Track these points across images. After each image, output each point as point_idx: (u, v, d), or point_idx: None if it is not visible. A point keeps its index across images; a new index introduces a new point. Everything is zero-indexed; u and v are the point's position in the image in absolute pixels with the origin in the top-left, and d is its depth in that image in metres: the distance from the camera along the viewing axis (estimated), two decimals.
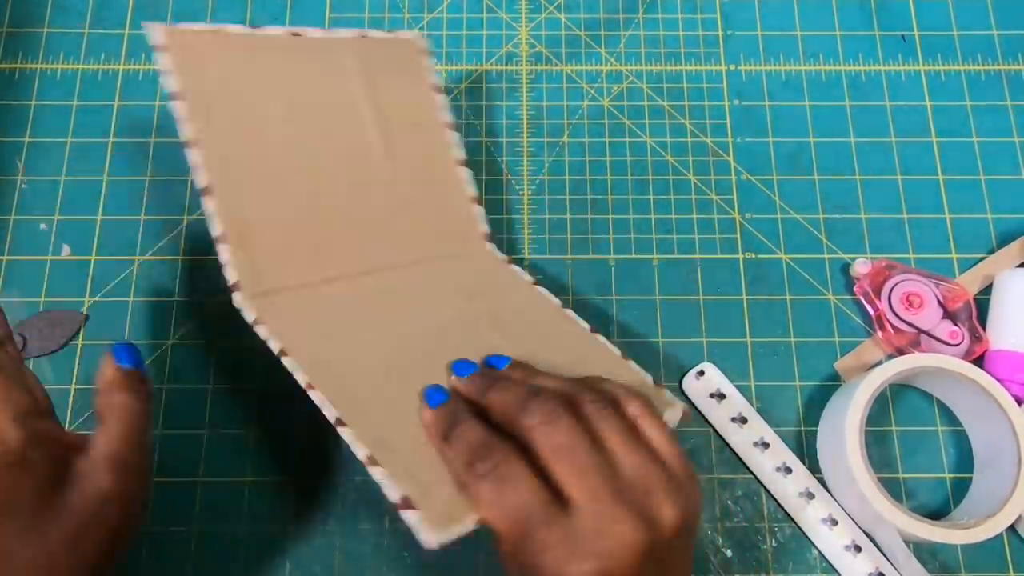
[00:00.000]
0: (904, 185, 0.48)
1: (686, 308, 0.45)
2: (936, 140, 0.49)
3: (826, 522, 0.40)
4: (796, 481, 0.41)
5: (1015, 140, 0.49)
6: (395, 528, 0.40)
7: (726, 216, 0.47)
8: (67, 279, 0.45)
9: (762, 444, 0.41)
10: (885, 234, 0.47)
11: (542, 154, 0.49)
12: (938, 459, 0.42)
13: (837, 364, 0.44)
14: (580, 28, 0.52)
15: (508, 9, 0.53)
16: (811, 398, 0.43)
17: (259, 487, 0.41)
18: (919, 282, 0.44)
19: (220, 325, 0.44)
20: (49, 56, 0.50)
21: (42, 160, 0.48)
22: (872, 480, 0.37)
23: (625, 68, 0.51)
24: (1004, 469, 0.39)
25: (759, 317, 0.45)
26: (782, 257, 0.46)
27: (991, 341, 0.43)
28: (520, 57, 0.51)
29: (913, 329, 0.43)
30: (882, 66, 0.51)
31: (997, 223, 0.47)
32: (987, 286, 0.45)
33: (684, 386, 0.43)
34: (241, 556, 0.40)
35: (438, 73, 0.43)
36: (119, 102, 0.49)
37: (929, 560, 0.40)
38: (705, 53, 0.51)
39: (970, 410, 0.42)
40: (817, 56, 0.51)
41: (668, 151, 0.49)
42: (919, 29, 0.52)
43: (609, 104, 0.50)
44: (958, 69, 0.51)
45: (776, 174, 0.48)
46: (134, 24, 0.51)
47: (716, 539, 0.41)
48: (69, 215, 0.46)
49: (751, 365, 0.44)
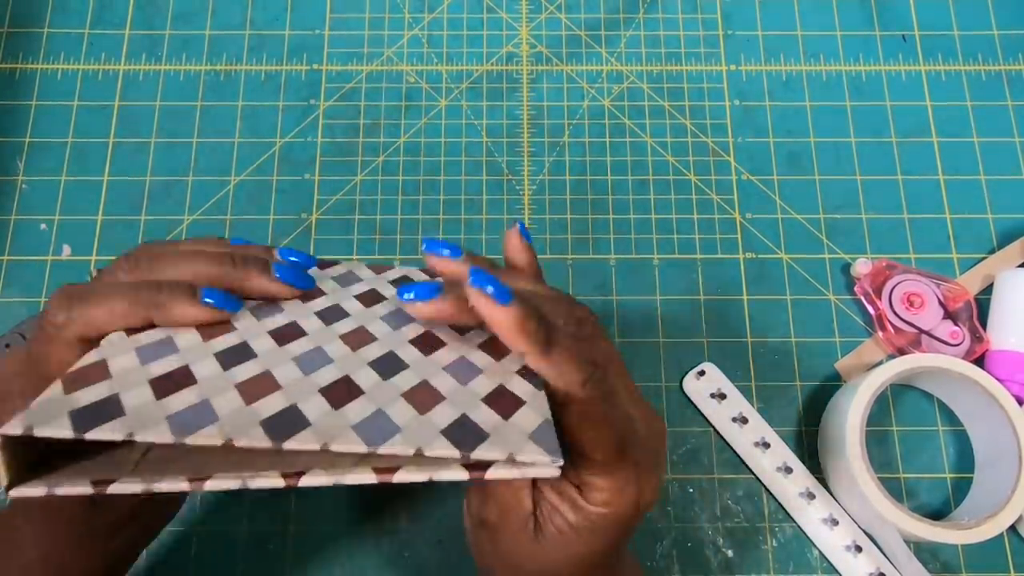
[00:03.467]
0: (904, 185, 0.48)
1: (686, 308, 0.45)
2: (936, 140, 0.49)
3: (827, 522, 0.40)
4: (797, 481, 0.41)
5: (1015, 140, 0.49)
6: (395, 528, 0.40)
7: (726, 216, 0.47)
8: (67, 279, 0.45)
9: (762, 444, 0.41)
10: (885, 234, 0.47)
11: (543, 154, 0.49)
12: (939, 459, 0.42)
13: (838, 364, 0.44)
14: (580, 28, 0.52)
15: (508, 9, 0.53)
16: (811, 398, 0.43)
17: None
18: (919, 282, 0.44)
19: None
20: (49, 56, 0.50)
21: (42, 160, 0.48)
22: (873, 480, 0.37)
23: (625, 68, 0.51)
24: (1005, 469, 0.39)
25: (759, 317, 0.45)
26: (782, 257, 0.46)
27: (992, 341, 0.43)
28: (521, 57, 0.51)
29: (914, 329, 0.43)
30: (882, 66, 0.51)
31: (997, 223, 0.47)
32: (987, 286, 0.45)
33: (684, 386, 0.43)
34: (241, 557, 0.40)
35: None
36: (119, 102, 0.49)
37: (930, 560, 0.40)
38: (705, 53, 0.51)
39: (971, 410, 0.42)
40: (817, 56, 0.51)
41: (668, 151, 0.49)
42: (919, 29, 0.52)
43: (610, 104, 0.50)
44: (958, 69, 0.51)
45: (776, 174, 0.48)
46: (134, 24, 0.51)
47: (717, 539, 0.41)
48: (69, 215, 0.46)
49: (751, 365, 0.44)
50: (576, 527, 0.26)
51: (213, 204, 0.47)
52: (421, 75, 0.50)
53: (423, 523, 0.41)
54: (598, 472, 0.25)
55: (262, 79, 0.50)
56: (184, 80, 0.50)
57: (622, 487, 0.25)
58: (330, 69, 0.50)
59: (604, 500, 0.25)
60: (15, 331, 0.43)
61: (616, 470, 0.25)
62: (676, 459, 0.42)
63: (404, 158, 0.48)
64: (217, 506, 0.40)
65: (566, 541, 0.26)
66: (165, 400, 0.22)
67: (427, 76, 0.50)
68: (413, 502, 0.41)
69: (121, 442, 0.22)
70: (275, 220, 0.46)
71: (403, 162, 0.48)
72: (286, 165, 0.48)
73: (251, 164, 0.48)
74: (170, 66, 0.50)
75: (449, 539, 0.40)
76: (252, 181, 0.47)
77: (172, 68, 0.50)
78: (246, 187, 0.47)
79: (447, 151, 0.48)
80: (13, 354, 0.28)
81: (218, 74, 0.50)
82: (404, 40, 0.51)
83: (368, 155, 0.48)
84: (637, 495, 0.25)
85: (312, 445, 0.20)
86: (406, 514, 0.41)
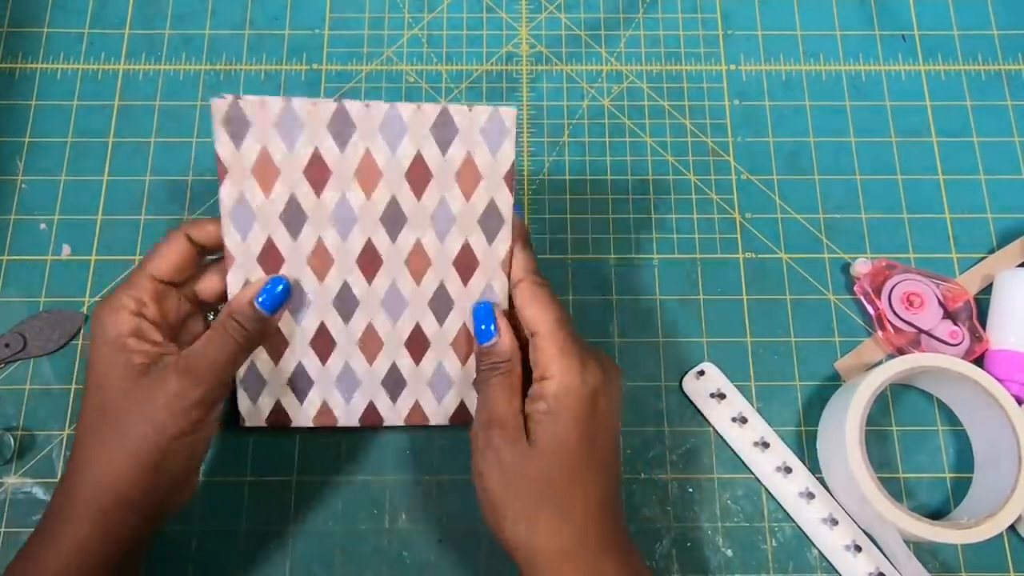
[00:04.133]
0: (904, 185, 0.48)
1: (686, 308, 0.45)
2: (936, 140, 0.49)
3: (826, 522, 0.40)
4: (796, 481, 0.41)
5: (1015, 140, 0.49)
6: (395, 528, 0.40)
7: (726, 216, 0.47)
8: (67, 279, 0.45)
9: (762, 444, 0.41)
10: (885, 234, 0.47)
11: (542, 154, 0.49)
12: (938, 459, 0.42)
13: (837, 364, 0.44)
14: (580, 28, 0.52)
15: (508, 9, 0.53)
16: (811, 398, 0.43)
17: (259, 487, 0.41)
18: (919, 282, 0.44)
19: None
20: (49, 56, 0.50)
21: (42, 160, 0.48)
22: (872, 480, 0.37)
23: (625, 68, 0.51)
24: (1004, 469, 0.39)
25: (759, 317, 0.45)
26: (782, 257, 0.46)
27: (991, 341, 0.43)
28: (520, 57, 0.51)
29: (913, 329, 0.43)
30: (882, 66, 0.51)
31: (997, 223, 0.47)
32: (987, 286, 0.45)
33: (684, 386, 0.43)
34: (241, 556, 0.40)
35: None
36: (119, 102, 0.49)
37: (929, 560, 0.40)
38: (705, 53, 0.51)
39: (970, 410, 0.42)
40: (817, 56, 0.51)
41: (668, 151, 0.49)
42: (919, 29, 0.52)
43: (609, 104, 0.50)
44: (958, 69, 0.51)
45: (776, 174, 0.48)
46: (134, 24, 0.51)
47: (716, 539, 0.41)
48: (69, 215, 0.46)
49: (751, 365, 0.44)
50: (546, 412, 0.31)
51: (213, 204, 0.47)
52: (421, 75, 0.50)
53: (423, 523, 0.41)
54: (545, 346, 0.32)
55: (262, 79, 0.50)
56: (184, 80, 0.50)
57: (565, 360, 0.31)
58: (330, 69, 0.50)
59: (553, 375, 0.31)
60: (15, 331, 0.43)
61: (557, 343, 0.32)
62: (676, 459, 0.42)
63: None
64: (217, 506, 0.40)
65: (545, 433, 0.31)
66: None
67: (427, 76, 0.50)
68: (413, 502, 0.41)
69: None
70: None
71: None
72: None
73: None
74: (170, 66, 0.50)
75: (449, 539, 0.40)
76: None
77: (172, 68, 0.50)
78: None
79: None
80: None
81: (218, 74, 0.50)
82: (404, 40, 0.51)
83: None
84: (581, 367, 0.31)
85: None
86: (406, 514, 0.41)
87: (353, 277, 0.36)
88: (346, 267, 0.36)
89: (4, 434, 0.41)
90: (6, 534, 0.40)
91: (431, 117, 0.35)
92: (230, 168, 0.34)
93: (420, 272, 0.36)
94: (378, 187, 0.35)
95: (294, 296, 0.36)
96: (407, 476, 0.41)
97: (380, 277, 0.36)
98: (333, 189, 0.35)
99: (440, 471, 0.42)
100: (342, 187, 0.35)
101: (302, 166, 0.35)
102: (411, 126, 0.35)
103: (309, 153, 0.35)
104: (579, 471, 0.31)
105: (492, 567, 0.40)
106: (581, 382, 0.31)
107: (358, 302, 0.37)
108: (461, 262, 0.36)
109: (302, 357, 0.37)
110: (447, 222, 0.36)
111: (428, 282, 0.36)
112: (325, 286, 0.36)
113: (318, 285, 0.36)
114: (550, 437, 0.31)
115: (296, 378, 0.38)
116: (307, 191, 0.35)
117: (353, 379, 0.38)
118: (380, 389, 0.38)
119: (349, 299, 0.37)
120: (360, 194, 0.35)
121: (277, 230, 0.35)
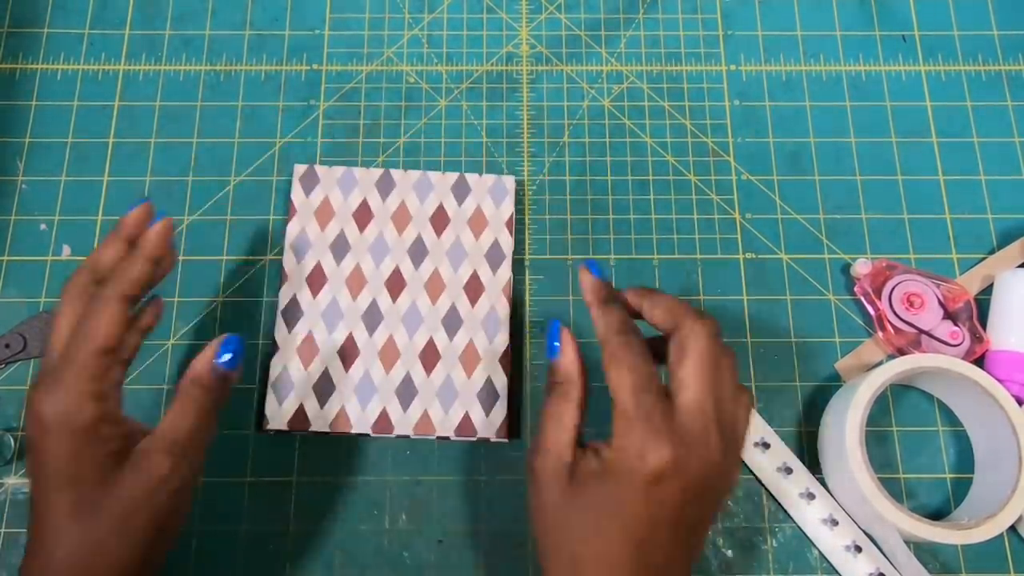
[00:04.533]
0: (904, 185, 0.48)
1: None
2: (936, 140, 0.49)
3: (826, 522, 0.40)
4: (796, 481, 0.41)
5: (1015, 140, 0.49)
6: (395, 528, 0.40)
7: (726, 216, 0.47)
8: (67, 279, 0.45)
9: (762, 444, 0.41)
10: (885, 234, 0.47)
11: (542, 154, 0.49)
12: (938, 459, 0.42)
13: (837, 364, 0.44)
14: (580, 28, 0.52)
15: (508, 9, 0.53)
16: (811, 398, 0.43)
17: (259, 488, 0.41)
18: (919, 282, 0.44)
19: (220, 327, 0.44)
20: (49, 56, 0.50)
21: (42, 160, 0.48)
22: (872, 480, 0.37)
23: (625, 68, 0.51)
24: (1005, 469, 0.39)
25: (759, 317, 0.45)
26: (782, 257, 0.46)
27: (991, 341, 0.43)
28: (520, 57, 0.51)
29: (913, 329, 0.43)
30: (882, 66, 0.51)
31: (997, 223, 0.47)
32: (987, 286, 0.45)
33: None
34: (241, 556, 0.40)
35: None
36: (119, 102, 0.49)
37: (929, 560, 0.40)
38: (705, 53, 0.51)
39: (971, 410, 0.42)
40: (817, 56, 0.51)
41: (668, 151, 0.49)
42: (919, 29, 0.52)
43: (609, 104, 0.50)
44: (958, 69, 0.51)
45: (776, 174, 0.48)
46: (134, 24, 0.51)
47: (716, 539, 0.41)
48: (69, 215, 0.46)
49: (751, 365, 0.44)
50: (595, 473, 0.29)
51: (213, 204, 0.47)
52: (421, 75, 0.50)
53: (423, 523, 0.41)
54: (617, 416, 0.29)
55: (262, 79, 0.50)
56: (184, 80, 0.50)
57: (630, 436, 0.28)
58: (330, 69, 0.50)
59: (617, 445, 0.29)
60: (15, 331, 0.43)
61: (627, 412, 0.29)
62: None
63: (404, 158, 0.48)
64: (217, 506, 0.40)
65: (590, 492, 0.29)
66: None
67: (427, 76, 0.50)
68: (413, 502, 0.41)
69: None
70: (275, 220, 0.46)
71: (403, 162, 0.48)
72: (286, 165, 0.48)
73: (251, 164, 0.48)
74: (170, 66, 0.50)
75: (449, 539, 0.40)
76: (252, 181, 0.47)
77: (172, 68, 0.50)
78: (246, 187, 0.47)
79: (447, 151, 0.48)
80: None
81: (218, 74, 0.50)
82: (404, 40, 0.51)
83: (368, 155, 0.48)
84: (641, 442, 0.28)
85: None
86: (406, 514, 0.41)
87: (381, 296, 0.44)
88: (376, 287, 0.44)
89: (4, 434, 0.41)
90: (6, 534, 0.40)
91: (452, 180, 0.46)
92: (299, 210, 0.45)
93: (436, 294, 0.44)
94: (408, 227, 0.45)
95: (330, 310, 0.43)
96: (407, 476, 0.41)
97: (403, 296, 0.44)
98: (373, 227, 0.45)
99: (440, 471, 0.42)
100: (380, 226, 0.45)
101: (352, 210, 0.45)
102: (437, 186, 0.46)
103: (359, 202, 0.45)
104: (613, 559, 0.28)
105: (492, 567, 0.40)
106: (637, 457, 0.28)
107: (383, 317, 0.43)
108: (470, 287, 0.44)
109: (329, 364, 0.42)
110: (460, 255, 0.44)
111: (442, 302, 0.44)
112: (357, 303, 0.43)
113: (351, 302, 0.43)
114: (596, 506, 0.29)
115: (321, 384, 0.42)
116: (353, 228, 0.45)
117: (371, 386, 0.42)
118: (393, 397, 0.42)
119: (375, 314, 0.43)
120: (394, 232, 0.45)
121: (325, 256, 0.44)
